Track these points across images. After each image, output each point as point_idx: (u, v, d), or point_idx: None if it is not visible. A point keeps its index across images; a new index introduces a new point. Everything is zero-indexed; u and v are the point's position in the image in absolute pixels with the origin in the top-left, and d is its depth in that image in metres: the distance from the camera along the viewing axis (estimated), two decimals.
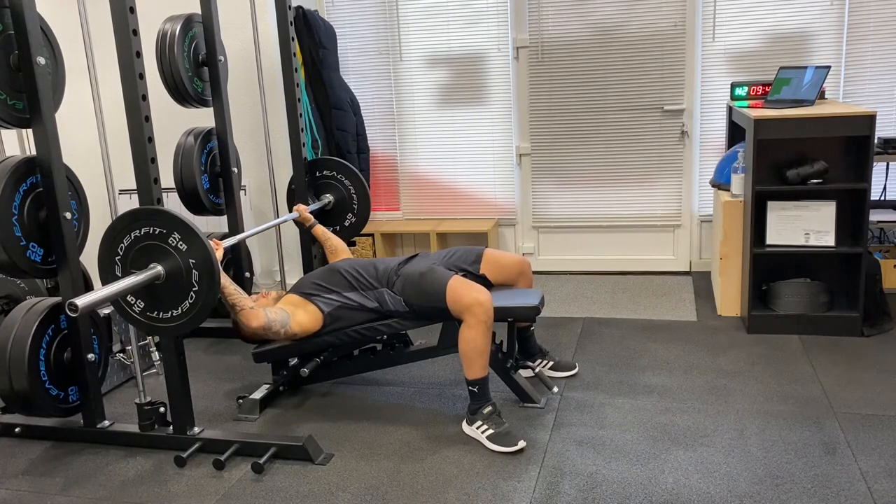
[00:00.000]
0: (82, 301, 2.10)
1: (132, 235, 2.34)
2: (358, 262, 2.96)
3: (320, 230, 3.39)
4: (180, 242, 2.30)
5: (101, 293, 2.17)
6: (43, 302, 2.67)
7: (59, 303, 2.66)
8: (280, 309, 2.74)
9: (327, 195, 3.63)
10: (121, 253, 2.36)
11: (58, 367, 2.67)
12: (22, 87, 2.48)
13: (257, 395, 3.02)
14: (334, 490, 2.39)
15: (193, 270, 2.31)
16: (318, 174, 3.63)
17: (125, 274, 2.37)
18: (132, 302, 2.40)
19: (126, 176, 4.10)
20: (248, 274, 3.72)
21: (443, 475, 2.44)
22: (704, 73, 4.35)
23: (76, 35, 2.99)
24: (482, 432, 2.61)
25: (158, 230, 2.31)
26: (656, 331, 3.65)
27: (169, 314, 2.38)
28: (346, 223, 3.66)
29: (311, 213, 3.43)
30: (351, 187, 3.61)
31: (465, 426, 2.72)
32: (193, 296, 2.33)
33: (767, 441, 2.53)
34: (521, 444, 2.53)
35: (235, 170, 3.49)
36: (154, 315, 2.40)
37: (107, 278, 2.39)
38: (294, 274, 4.38)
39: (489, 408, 2.64)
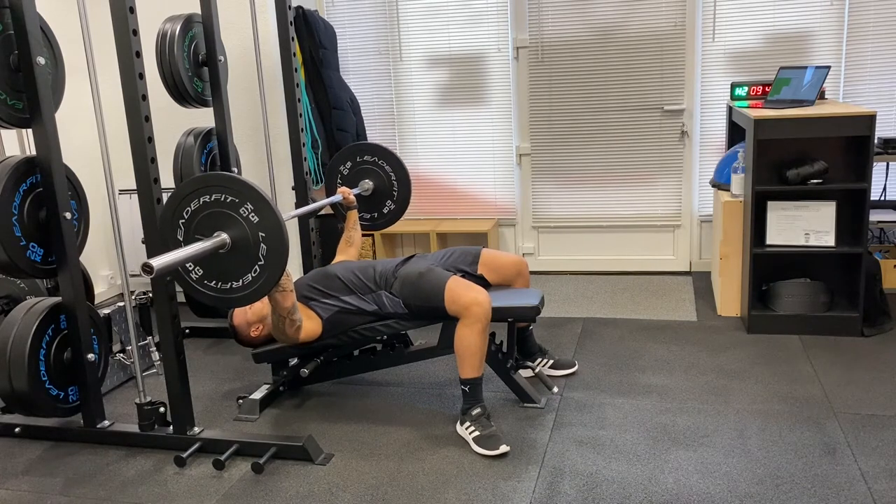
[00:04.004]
0: (158, 262, 2.05)
1: (201, 200, 2.26)
2: (354, 265, 2.95)
3: (354, 216, 3.32)
4: (252, 214, 2.23)
5: (175, 255, 2.11)
6: (43, 302, 2.67)
7: (59, 303, 2.66)
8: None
9: (367, 181, 3.52)
10: (185, 217, 2.29)
11: (58, 367, 2.67)
12: (22, 87, 2.49)
13: (257, 395, 3.02)
14: (334, 490, 2.39)
15: (262, 244, 2.24)
16: (358, 159, 3.53)
17: (187, 238, 2.30)
18: (190, 269, 2.33)
19: (126, 176, 4.10)
20: None
21: (443, 475, 2.44)
22: (704, 73, 4.35)
23: (76, 35, 2.99)
24: (469, 433, 2.62)
25: (230, 198, 2.23)
26: (656, 331, 3.65)
27: (228, 285, 2.30)
28: (385, 210, 3.56)
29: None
30: (392, 174, 3.50)
31: (457, 426, 2.72)
32: (258, 269, 2.26)
33: (767, 441, 2.53)
34: (504, 448, 2.52)
35: (235, 170, 3.50)
36: (212, 284, 2.32)
37: (166, 240, 2.33)
38: (293, 274, 4.37)
39: (478, 409, 2.64)
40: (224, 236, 2.26)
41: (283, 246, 2.23)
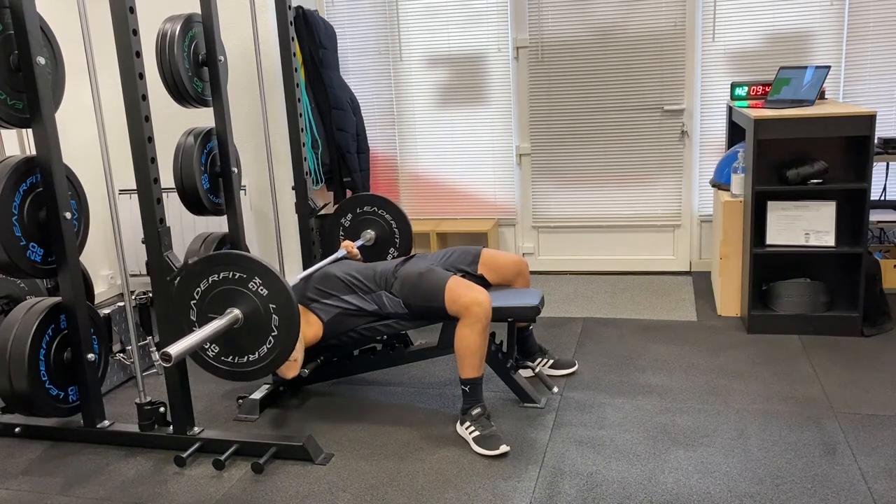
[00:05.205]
0: (175, 350, 2.10)
1: (210, 280, 2.33)
2: (354, 266, 2.96)
3: None
4: (261, 287, 2.30)
5: (191, 340, 2.17)
6: (43, 302, 2.67)
7: (59, 303, 2.66)
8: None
9: (369, 231, 3.65)
10: (196, 297, 2.36)
11: (58, 367, 2.67)
12: (22, 87, 2.49)
13: (257, 395, 3.02)
14: (334, 490, 2.39)
15: (274, 315, 2.30)
16: (359, 210, 3.65)
17: (200, 318, 2.36)
18: (206, 347, 2.39)
19: (126, 176, 4.10)
20: None
21: (443, 475, 2.44)
22: (704, 73, 4.35)
23: (76, 35, 2.99)
24: (469, 433, 2.62)
25: (238, 275, 2.30)
26: (656, 331, 3.65)
27: (245, 359, 2.38)
28: (389, 258, 3.66)
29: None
30: (392, 222, 3.62)
31: (457, 426, 2.72)
32: (272, 340, 2.33)
33: (767, 441, 2.53)
34: (504, 448, 2.52)
35: (235, 170, 3.49)
36: (230, 360, 2.39)
37: (180, 321, 2.40)
38: (293, 275, 4.37)
39: (478, 409, 2.64)
40: (236, 312, 2.32)
41: (294, 315, 2.29)
